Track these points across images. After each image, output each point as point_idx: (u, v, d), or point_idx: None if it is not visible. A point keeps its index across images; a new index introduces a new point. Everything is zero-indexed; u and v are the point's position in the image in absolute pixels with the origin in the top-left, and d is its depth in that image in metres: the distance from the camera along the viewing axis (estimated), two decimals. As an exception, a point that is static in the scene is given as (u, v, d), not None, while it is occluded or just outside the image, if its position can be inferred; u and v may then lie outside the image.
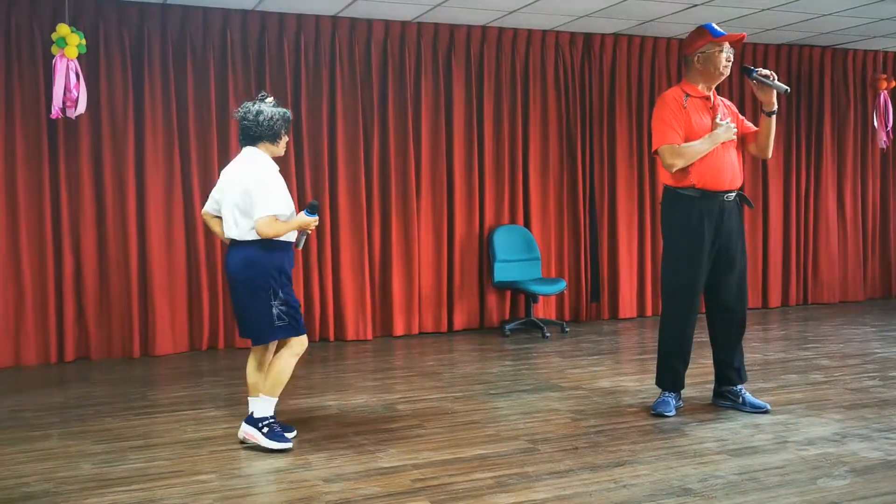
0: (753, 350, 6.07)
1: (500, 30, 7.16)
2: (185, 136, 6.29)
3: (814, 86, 8.32)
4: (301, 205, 5.85)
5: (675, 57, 7.72)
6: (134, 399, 4.86)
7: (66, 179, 5.99)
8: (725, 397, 4.42)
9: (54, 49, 5.35)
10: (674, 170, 4.15)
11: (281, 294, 3.76)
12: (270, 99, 3.91)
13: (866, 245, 8.70)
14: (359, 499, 3.19)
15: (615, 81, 7.57)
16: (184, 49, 6.25)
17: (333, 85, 6.66)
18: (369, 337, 6.80)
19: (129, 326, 6.14)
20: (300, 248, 3.93)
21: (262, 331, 3.79)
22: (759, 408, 4.31)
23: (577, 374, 5.38)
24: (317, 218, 3.85)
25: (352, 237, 6.74)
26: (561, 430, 4.08)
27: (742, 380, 4.40)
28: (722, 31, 4.19)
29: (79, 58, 5.45)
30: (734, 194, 4.25)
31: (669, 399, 4.35)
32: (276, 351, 3.92)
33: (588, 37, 7.47)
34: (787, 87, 4.09)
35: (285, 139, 3.91)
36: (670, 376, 4.37)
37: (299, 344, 3.84)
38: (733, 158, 4.23)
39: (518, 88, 7.25)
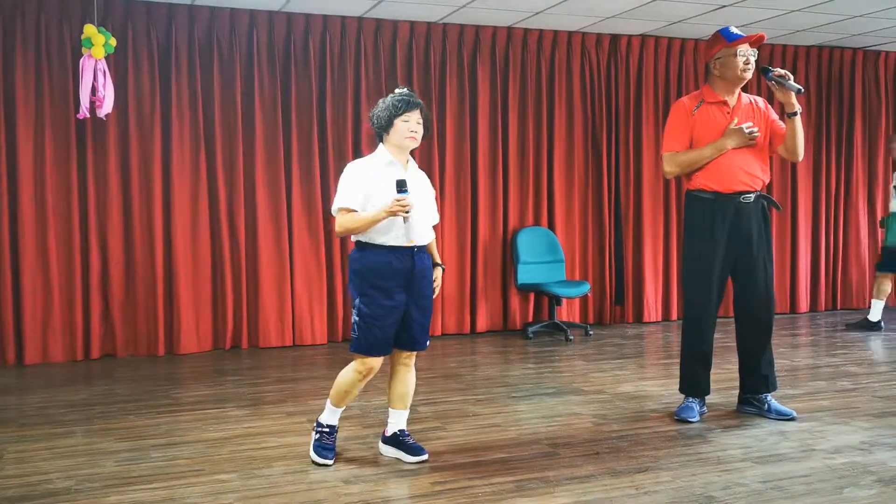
0: (781, 356, 5.98)
1: (526, 31, 7.13)
2: (211, 135, 6.33)
3: (844, 88, 8.19)
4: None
5: (703, 59, 7.64)
6: (157, 397, 4.90)
7: (93, 178, 6.06)
8: (751, 404, 4.36)
9: (84, 50, 5.40)
10: (670, 176, 4.31)
11: (358, 301, 3.49)
12: (399, 89, 3.57)
13: (897, 250, 8.54)
14: (378, 501, 3.18)
15: (642, 83, 7.50)
16: (211, 49, 6.29)
17: (358, 86, 6.67)
18: (392, 338, 6.79)
19: (154, 325, 6.20)
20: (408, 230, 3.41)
21: None
22: (785, 415, 4.24)
23: (600, 378, 5.34)
24: (405, 196, 3.36)
25: (375, 238, 6.74)
26: (583, 434, 4.04)
27: (769, 388, 4.32)
28: (739, 33, 4.12)
29: (107, 58, 5.50)
30: (752, 196, 4.17)
31: (693, 405, 4.30)
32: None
33: (614, 38, 7.42)
34: (800, 87, 3.99)
35: (400, 127, 3.45)
36: (691, 381, 4.32)
37: (361, 362, 3.50)
38: (750, 160, 4.15)
39: (543, 90, 7.22)
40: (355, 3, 6.22)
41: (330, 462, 3.57)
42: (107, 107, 5.53)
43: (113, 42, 5.42)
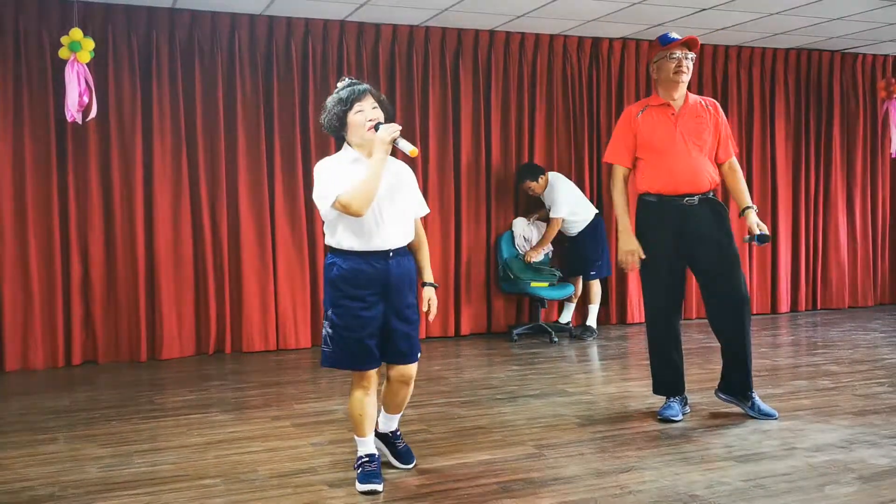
0: (762, 356, 6.04)
1: (508, 34, 7.16)
2: (192, 140, 6.30)
3: (822, 90, 8.28)
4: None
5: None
6: (140, 403, 4.87)
7: (74, 183, 6.01)
8: (732, 394, 4.37)
9: (62, 52, 5.36)
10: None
11: (330, 312, 3.26)
12: (341, 83, 3.28)
13: (875, 250, 8.64)
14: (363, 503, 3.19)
15: (623, 86, 7.55)
16: (192, 53, 6.26)
17: (341, 89, 6.66)
18: (376, 341, 6.78)
19: (136, 330, 6.15)
20: (404, 148, 3.13)
21: None
22: (768, 415, 4.27)
23: (584, 379, 5.36)
24: (389, 126, 3.12)
25: (359, 241, 6.73)
26: (567, 435, 4.06)
27: (743, 393, 4.32)
28: (676, 37, 4.18)
29: (87, 63, 5.47)
30: (697, 198, 4.18)
31: (675, 404, 4.33)
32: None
33: (596, 41, 7.46)
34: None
35: (356, 120, 3.17)
36: (659, 380, 4.38)
37: (355, 377, 3.32)
38: (696, 162, 4.17)
39: (525, 93, 7.24)
40: (337, 6, 6.22)
41: (378, 486, 3.27)
42: (92, 112, 5.51)
43: (92, 48, 5.40)
